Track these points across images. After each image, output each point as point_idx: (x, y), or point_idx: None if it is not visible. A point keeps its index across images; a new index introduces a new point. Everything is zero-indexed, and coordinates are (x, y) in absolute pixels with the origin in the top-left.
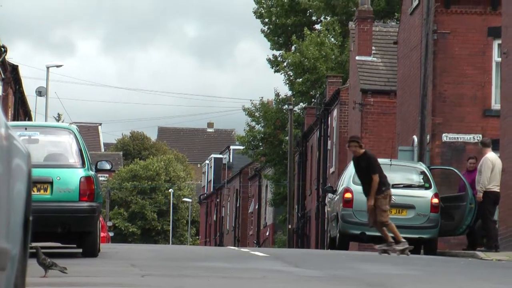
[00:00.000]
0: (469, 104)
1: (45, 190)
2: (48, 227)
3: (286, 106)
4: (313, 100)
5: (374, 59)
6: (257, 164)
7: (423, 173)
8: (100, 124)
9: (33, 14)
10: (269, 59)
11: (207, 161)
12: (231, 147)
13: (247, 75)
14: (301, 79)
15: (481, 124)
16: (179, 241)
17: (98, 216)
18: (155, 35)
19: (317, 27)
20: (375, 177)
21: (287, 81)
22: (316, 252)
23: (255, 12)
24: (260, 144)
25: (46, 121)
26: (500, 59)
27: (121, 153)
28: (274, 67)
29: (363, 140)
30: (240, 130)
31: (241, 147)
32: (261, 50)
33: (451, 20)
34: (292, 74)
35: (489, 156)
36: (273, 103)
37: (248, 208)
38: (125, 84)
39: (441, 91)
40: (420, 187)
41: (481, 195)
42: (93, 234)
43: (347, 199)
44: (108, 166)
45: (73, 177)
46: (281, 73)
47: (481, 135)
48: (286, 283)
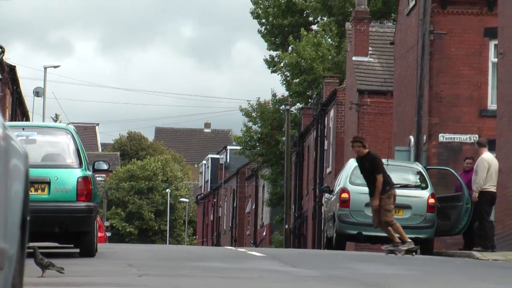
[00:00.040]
0: (465, 105)
1: (43, 190)
2: (45, 227)
3: (283, 106)
4: (310, 100)
5: (370, 59)
6: (254, 164)
7: (419, 173)
8: (98, 124)
9: (30, 14)
10: (266, 60)
11: (204, 161)
12: (228, 147)
13: (244, 75)
14: (298, 80)
15: (478, 124)
16: (176, 241)
17: (95, 216)
18: (152, 35)
19: (314, 27)
20: (379, 177)
21: (284, 82)
22: (313, 252)
23: (252, 13)
24: (257, 144)
25: (43, 121)
26: (496, 60)
27: (118, 153)
28: (271, 68)
29: None
30: (237, 130)
31: (238, 147)
32: (258, 50)
33: (447, 20)
34: (289, 75)
35: (485, 156)
36: (270, 104)
37: (245, 208)
38: (122, 84)
39: (437, 92)
40: (416, 187)
41: (477, 195)
42: (90, 234)
43: (344, 199)
44: (105, 166)
45: (70, 177)
46: (278, 74)
47: (477, 136)
48: (283, 283)
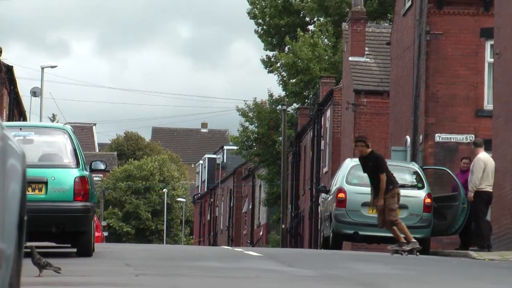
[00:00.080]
0: (461, 105)
1: (40, 190)
2: (42, 227)
3: (280, 106)
4: (306, 100)
5: (367, 59)
6: (250, 164)
7: (416, 173)
8: (95, 124)
9: (27, 15)
10: (262, 60)
11: (201, 161)
12: (225, 147)
13: (240, 75)
14: (295, 80)
15: (474, 124)
16: (173, 240)
17: (92, 216)
18: (149, 36)
19: (311, 28)
20: (383, 177)
21: (281, 82)
22: (310, 251)
23: (249, 13)
24: (254, 144)
25: (40, 121)
26: (492, 60)
27: (115, 153)
28: (267, 68)
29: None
30: (234, 130)
31: (234, 147)
32: (255, 50)
33: (443, 21)
34: (285, 75)
35: (481, 156)
36: (267, 104)
37: (241, 208)
38: (119, 84)
39: (433, 92)
40: (413, 187)
41: (472, 195)
42: (87, 233)
43: (340, 199)
44: (102, 166)
45: (67, 177)
46: (275, 74)
47: (473, 135)
48: (279, 283)
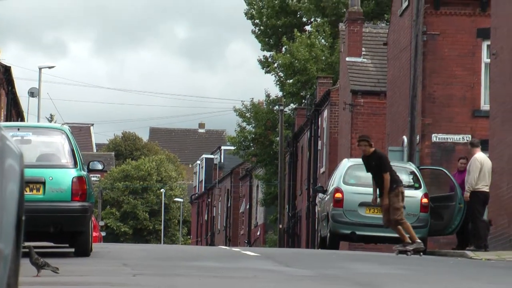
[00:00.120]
0: (458, 105)
1: (38, 190)
2: (40, 227)
3: (277, 107)
4: (303, 101)
5: (364, 60)
6: (248, 164)
7: (412, 173)
8: (92, 124)
9: (24, 15)
10: (260, 60)
11: (198, 162)
12: (222, 147)
13: (238, 76)
14: (292, 80)
15: (470, 124)
16: (170, 240)
17: (90, 216)
18: (146, 36)
19: (308, 28)
20: (386, 176)
21: (278, 82)
22: (307, 251)
23: (246, 13)
24: (251, 144)
25: (38, 121)
26: (489, 60)
27: (113, 153)
28: (265, 68)
29: (352, 141)
30: (231, 130)
31: (232, 148)
32: (252, 51)
33: (440, 21)
34: (282, 75)
35: (478, 157)
36: (264, 104)
37: (239, 208)
38: (117, 85)
39: (430, 92)
40: (410, 187)
41: (468, 195)
42: (85, 233)
43: (338, 199)
44: (100, 166)
45: (65, 177)
46: (272, 74)
47: (470, 136)
48: (277, 283)
